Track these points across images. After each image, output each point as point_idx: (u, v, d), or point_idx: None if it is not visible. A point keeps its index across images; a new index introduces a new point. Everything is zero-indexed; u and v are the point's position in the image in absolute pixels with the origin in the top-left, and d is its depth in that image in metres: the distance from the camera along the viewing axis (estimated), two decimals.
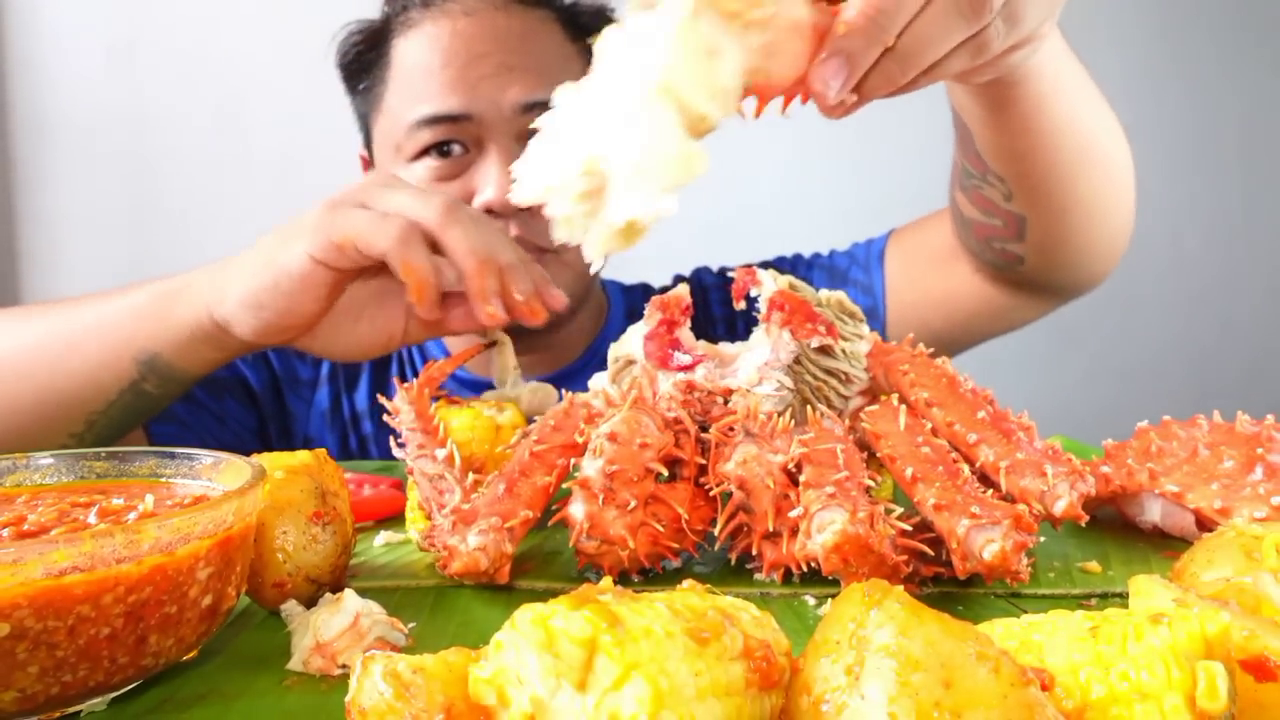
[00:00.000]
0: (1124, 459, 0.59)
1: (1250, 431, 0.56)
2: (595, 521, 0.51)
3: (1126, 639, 0.30)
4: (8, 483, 0.51)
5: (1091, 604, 0.50)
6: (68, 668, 0.38)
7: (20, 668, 0.37)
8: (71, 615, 0.37)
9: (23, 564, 0.36)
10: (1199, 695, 0.29)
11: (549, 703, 0.28)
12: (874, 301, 1.06)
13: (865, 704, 0.28)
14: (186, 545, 0.40)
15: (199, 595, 0.41)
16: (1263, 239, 2.32)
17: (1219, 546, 0.45)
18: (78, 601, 0.37)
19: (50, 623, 0.36)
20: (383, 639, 0.45)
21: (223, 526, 0.42)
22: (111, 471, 0.51)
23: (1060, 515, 0.50)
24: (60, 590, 0.36)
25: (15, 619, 0.36)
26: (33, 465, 0.51)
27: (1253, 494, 0.53)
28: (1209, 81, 2.24)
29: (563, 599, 0.29)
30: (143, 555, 0.38)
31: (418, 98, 0.97)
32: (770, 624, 0.33)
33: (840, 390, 0.60)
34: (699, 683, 0.29)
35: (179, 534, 0.40)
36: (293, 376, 1.09)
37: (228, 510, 0.42)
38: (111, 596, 0.38)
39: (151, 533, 0.38)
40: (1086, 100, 0.79)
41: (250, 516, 0.45)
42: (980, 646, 0.28)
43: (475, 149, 0.98)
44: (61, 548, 0.36)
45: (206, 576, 0.41)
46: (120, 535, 0.38)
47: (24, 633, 0.36)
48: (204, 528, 0.41)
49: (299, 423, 1.09)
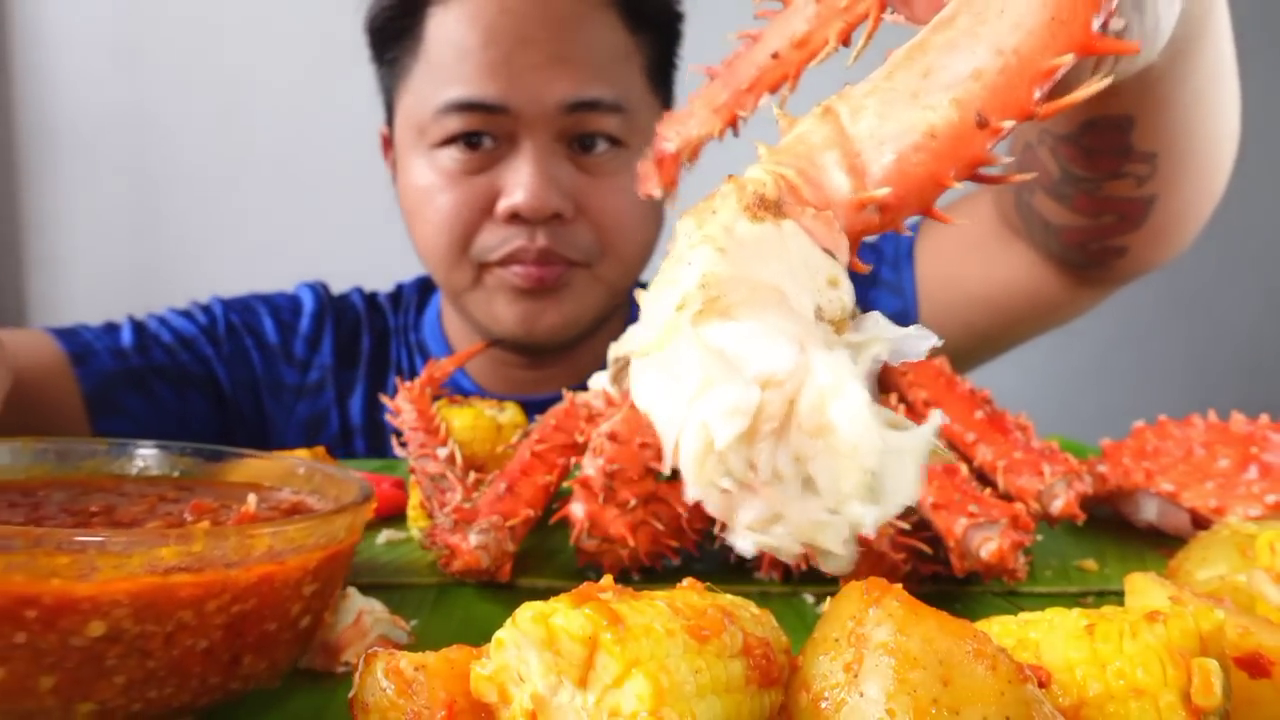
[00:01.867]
0: (1120, 458, 0.60)
1: (1245, 431, 0.57)
2: (596, 520, 0.51)
3: (1122, 636, 0.30)
4: (85, 469, 0.47)
5: (1088, 602, 0.50)
6: (155, 682, 0.34)
7: (106, 676, 0.33)
8: (172, 621, 0.33)
9: (128, 557, 0.32)
10: (1194, 692, 0.29)
11: (550, 700, 0.29)
12: (904, 303, 0.95)
13: (864, 701, 0.28)
14: (297, 556, 0.37)
15: (299, 614, 0.38)
16: (1260, 239, 2.33)
17: (1214, 545, 0.45)
18: (181, 606, 0.33)
19: (148, 626, 0.33)
20: (385, 637, 0.45)
21: (333, 541, 0.39)
22: (197, 469, 0.49)
23: (1057, 514, 0.50)
24: (165, 590, 0.33)
25: (113, 618, 0.32)
26: (115, 453, 0.48)
27: (1247, 493, 0.54)
28: None
29: (563, 597, 0.30)
30: (251, 562, 0.35)
31: (451, 79, 0.88)
32: (769, 622, 0.33)
33: None
34: (699, 680, 0.29)
35: (291, 543, 0.36)
36: (276, 381, 1.01)
37: (340, 525, 0.39)
38: (216, 604, 0.34)
39: (266, 539, 0.35)
40: (1228, 74, 0.71)
41: (356, 534, 0.42)
42: (978, 644, 0.29)
43: (507, 143, 0.89)
44: (172, 544, 0.33)
45: (310, 593, 0.38)
46: (234, 537, 0.34)
47: (119, 635, 0.32)
48: (315, 540, 0.37)
49: (275, 429, 1.01)
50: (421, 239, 0.94)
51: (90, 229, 1.98)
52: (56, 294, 1.99)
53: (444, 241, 0.91)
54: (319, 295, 1.06)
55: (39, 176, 1.97)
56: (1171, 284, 2.28)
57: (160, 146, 1.98)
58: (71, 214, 1.98)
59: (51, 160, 1.97)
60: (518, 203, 0.87)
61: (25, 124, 1.96)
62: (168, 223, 2.00)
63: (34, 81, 1.95)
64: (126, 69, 1.96)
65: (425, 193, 0.92)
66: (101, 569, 0.32)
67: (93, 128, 1.96)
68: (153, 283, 1.99)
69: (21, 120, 1.96)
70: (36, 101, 1.96)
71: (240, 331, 1.01)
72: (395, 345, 1.07)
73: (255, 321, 1.02)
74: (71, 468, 0.47)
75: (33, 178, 1.97)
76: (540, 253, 0.89)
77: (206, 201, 1.99)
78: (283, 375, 1.02)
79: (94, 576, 0.32)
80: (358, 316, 1.06)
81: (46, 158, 1.97)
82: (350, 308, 1.07)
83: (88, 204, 1.98)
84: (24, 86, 1.96)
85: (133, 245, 2.00)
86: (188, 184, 1.99)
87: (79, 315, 1.97)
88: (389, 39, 0.94)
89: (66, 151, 1.97)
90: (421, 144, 0.91)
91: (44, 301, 1.99)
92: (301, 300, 1.06)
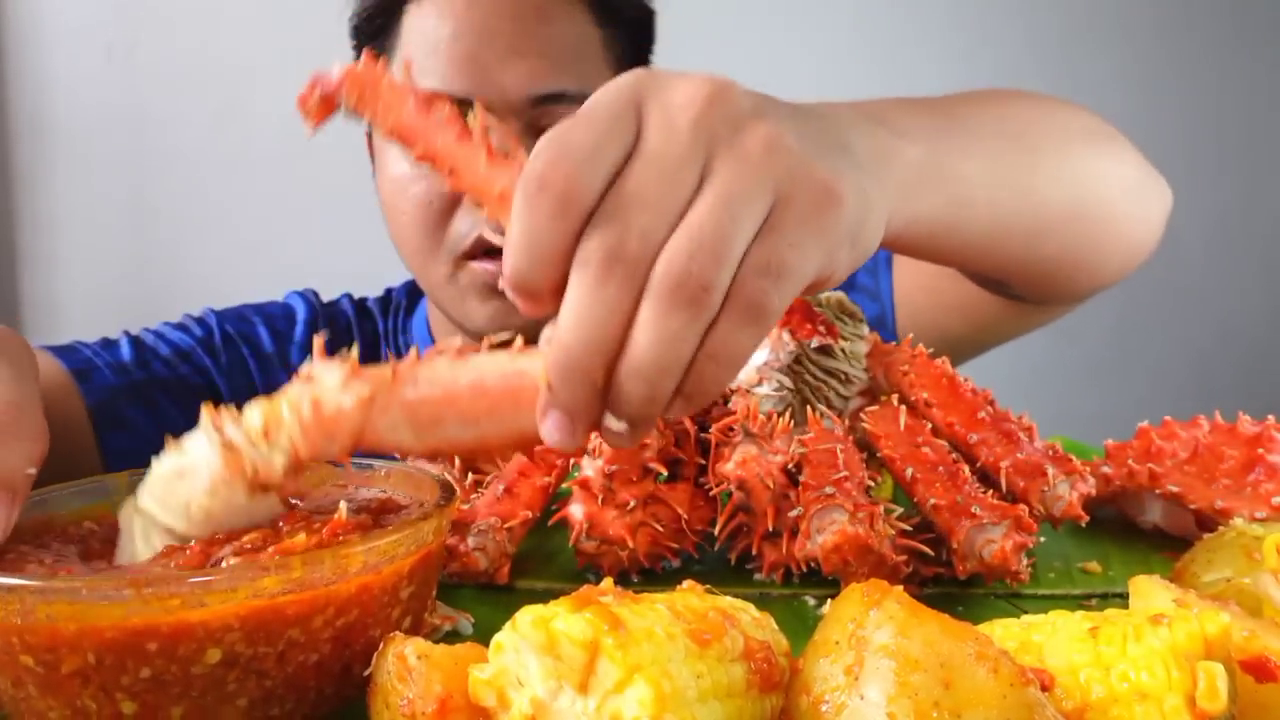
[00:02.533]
0: (1124, 459, 0.59)
1: (1251, 432, 0.56)
2: (595, 521, 0.51)
3: (1127, 640, 0.30)
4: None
5: (1092, 604, 0.50)
6: (276, 700, 0.36)
7: (229, 700, 0.35)
8: (283, 640, 0.35)
9: (234, 591, 0.34)
10: (1199, 696, 0.29)
11: (550, 705, 0.28)
12: (881, 308, 0.97)
13: (864, 704, 0.28)
14: (391, 564, 0.38)
15: (400, 617, 0.40)
16: (1264, 237, 2.32)
17: (1219, 547, 0.45)
18: (289, 624, 0.35)
19: (261, 648, 0.35)
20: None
21: (423, 545, 0.40)
22: None
23: (1061, 515, 0.50)
24: (273, 610, 0.34)
25: (226, 643, 0.34)
26: None
27: (1254, 494, 0.53)
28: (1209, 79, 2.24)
29: (563, 600, 0.29)
30: (350, 575, 0.37)
31: (422, 72, 0.87)
32: (770, 625, 0.33)
33: (840, 390, 0.60)
34: (701, 685, 0.29)
35: (385, 555, 0.38)
36: (274, 388, 1.01)
37: (428, 529, 0.40)
38: (322, 619, 0.36)
39: (360, 556, 0.37)
40: (1018, 185, 0.60)
41: (444, 534, 0.43)
42: (980, 647, 0.28)
43: None
44: (273, 574, 0.35)
45: (407, 596, 0.40)
46: (330, 560, 0.36)
47: (235, 658, 0.34)
48: (407, 548, 0.39)
49: None
50: (398, 230, 0.95)
51: (84, 227, 1.98)
52: (50, 292, 1.98)
53: (418, 231, 0.92)
54: (310, 303, 1.08)
55: (33, 175, 1.97)
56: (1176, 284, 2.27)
57: (155, 145, 1.98)
58: (65, 212, 1.98)
59: (46, 158, 1.97)
60: None
61: (19, 122, 1.96)
62: (162, 221, 2.00)
63: (28, 79, 1.95)
64: (121, 67, 1.96)
65: (399, 184, 0.92)
66: (210, 604, 0.34)
67: (87, 126, 1.96)
68: (147, 281, 1.99)
69: (16, 118, 1.96)
70: (31, 99, 1.96)
71: (236, 341, 1.02)
72: (385, 349, 1.08)
73: (250, 331, 1.03)
74: None
75: (27, 176, 1.97)
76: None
77: (202, 199, 1.99)
78: (281, 382, 1.02)
79: (204, 608, 0.34)
80: (348, 322, 1.08)
81: (41, 156, 1.97)
82: (340, 314, 1.09)
83: (82, 202, 1.97)
84: (18, 84, 1.95)
85: (127, 244, 1.99)
86: (182, 183, 1.99)
87: (73, 313, 1.98)
88: (369, 37, 0.96)
89: (61, 150, 1.96)
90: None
91: (38, 299, 1.99)
92: (294, 308, 1.07)
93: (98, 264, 1.98)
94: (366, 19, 0.96)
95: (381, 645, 0.34)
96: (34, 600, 0.33)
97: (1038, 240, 0.65)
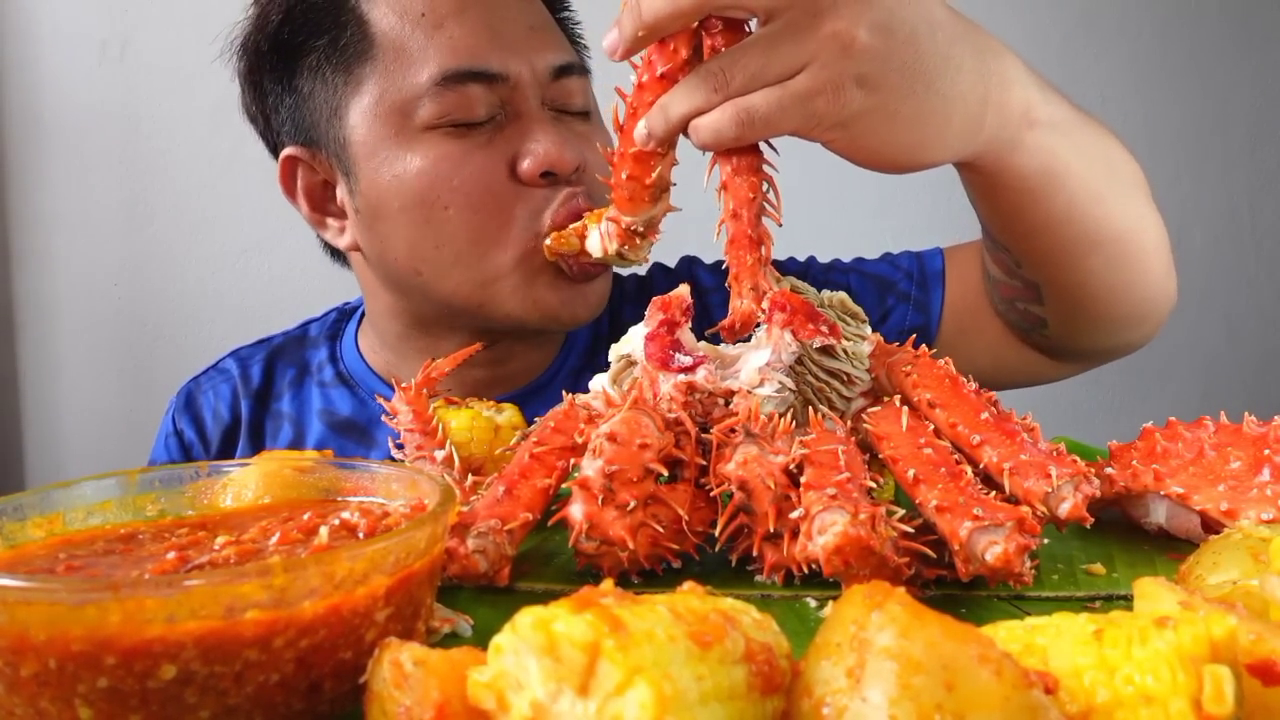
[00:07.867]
0: (1129, 460, 0.59)
1: (1257, 433, 0.56)
2: (595, 522, 0.51)
3: (1131, 642, 0.30)
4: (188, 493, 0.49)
5: (1096, 607, 0.50)
6: (241, 714, 0.35)
7: (190, 712, 0.35)
8: (239, 660, 0.34)
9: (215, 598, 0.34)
10: (1205, 699, 0.28)
11: (550, 707, 0.28)
12: (927, 320, 0.96)
13: (866, 707, 0.28)
14: (364, 586, 0.37)
15: (376, 640, 0.38)
16: (1270, 238, 2.31)
17: (1225, 549, 0.44)
18: (246, 645, 0.34)
19: (217, 667, 0.34)
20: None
21: (403, 566, 0.39)
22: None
23: (1065, 517, 0.50)
24: (230, 631, 0.34)
25: (181, 660, 0.34)
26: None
27: (1260, 496, 0.53)
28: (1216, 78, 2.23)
29: (564, 602, 0.29)
30: (316, 597, 0.36)
31: (431, 50, 0.82)
32: (771, 626, 0.33)
33: (842, 391, 0.59)
34: (702, 687, 0.28)
35: (374, 565, 0.37)
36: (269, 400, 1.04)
37: (409, 548, 0.39)
38: (282, 640, 0.35)
39: (345, 564, 0.36)
40: (1098, 192, 0.73)
41: (439, 544, 0.41)
42: (982, 649, 0.28)
43: (507, 118, 0.84)
44: (252, 579, 0.34)
45: (385, 618, 0.38)
46: (285, 581, 0.35)
47: (190, 676, 0.34)
48: (392, 562, 0.38)
49: None
50: (441, 227, 0.84)
51: (78, 226, 1.98)
52: (43, 291, 1.98)
53: (481, 219, 0.84)
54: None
55: (26, 172, 1.96)
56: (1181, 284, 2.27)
57: (148, 144, 1.98)
58: (58, 210, 1.98)
59: (39, 157, 1.97)
60: (548, 153, 0.82)
61: (12, 120, 1.96)
62: (156, 219, 2.00)
63: (21, 77, 1.95)
64: (114, 65, 1.96)
65: (435, 176, 0.83)
66: (178, 619, 0.34)
67: (81, 125, 1.96)
68: (140, 280, 1.99)
69: (9, 116, 1.96)
70: (23, 97, 1.95)
71: (189, 434, 1.03)
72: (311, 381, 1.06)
73: (197, 411, 1.04)
74: (176, 492, 0.49)
75: (20, 174, 1.97)
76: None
77: (195, 198, 1.99)
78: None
79: (174, 618, 0.34)
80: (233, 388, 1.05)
81: (34, 154, 1.96)
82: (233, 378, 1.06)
83: (75, 201, 1.97)
84: (11, 82, 1.95)
85: (120, 242, 1.99)
86: (176, 181, 1.99)
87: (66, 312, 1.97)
88: (305, 40, 0.90)
89: (54, 147, 1.96)
90: (407, 129, 0.84)
91: (31, 298, 1.99)
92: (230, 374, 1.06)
93: (91, 263, 1.98)
94: (289, 33, 0.92)
95: (376, 652, 0.33)
96: (14, 600, 0.34)
97: (1087, 248, 0.75)
